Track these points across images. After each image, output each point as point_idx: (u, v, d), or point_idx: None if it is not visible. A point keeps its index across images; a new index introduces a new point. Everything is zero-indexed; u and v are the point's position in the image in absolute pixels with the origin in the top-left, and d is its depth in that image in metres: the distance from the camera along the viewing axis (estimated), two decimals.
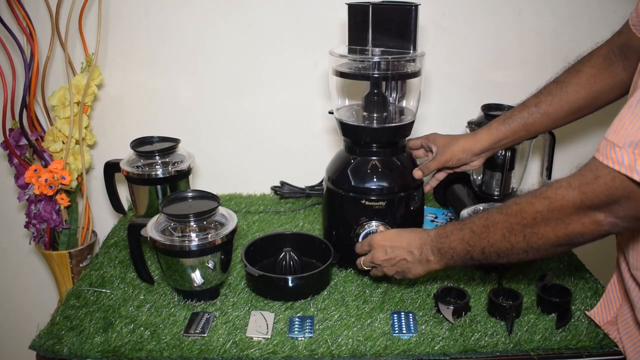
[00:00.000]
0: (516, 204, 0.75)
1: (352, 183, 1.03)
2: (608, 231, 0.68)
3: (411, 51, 1.01)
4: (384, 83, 1.04)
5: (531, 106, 1.02)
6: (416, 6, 0.98)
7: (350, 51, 1.05)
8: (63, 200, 1.27)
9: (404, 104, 1.10)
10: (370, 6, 1.01)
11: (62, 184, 1.24)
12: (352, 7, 1.04)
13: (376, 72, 1.01)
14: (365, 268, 0.99)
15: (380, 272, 0.96)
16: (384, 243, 0.93)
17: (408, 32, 1.00)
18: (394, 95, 1.07)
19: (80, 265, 1.32)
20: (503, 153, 1.18)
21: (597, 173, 0.65)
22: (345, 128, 1.05)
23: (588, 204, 0.67)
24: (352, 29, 1.05)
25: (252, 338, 0.89)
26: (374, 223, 1.01)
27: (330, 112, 1.10)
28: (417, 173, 1.05)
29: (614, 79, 0.96)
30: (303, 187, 1.43)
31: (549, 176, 1.24)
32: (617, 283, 0.90)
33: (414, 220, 1.07)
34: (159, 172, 1.17)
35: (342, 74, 1.03)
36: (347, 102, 1.12)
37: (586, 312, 0.93)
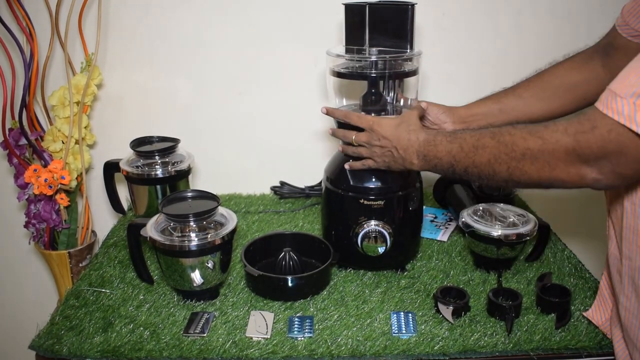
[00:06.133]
0: (510, 135, 0.75)
1: (351, 183, 1.03)
2: (589, 185, 0.70)
3: (408, 50, 1.01)
4: (381, 82, 1.04)
5: (509, 90, 1.06)
6: (412, 5, 0.99)
7: (348, 51, 1.05)
8: (63, 200, 1.27)
9: (401, 103, 1.10)
10: (367, 6, 1.01)
11: (61, 183, 1.24)
12: (348, 8, 1.04)
13: (373, 71, 1.02)
14: (355, 143, 0.98)
15: (370, 154, 0.96)
16: (379, 130, 0.93)
17: (405, 31, 1.00)
18: (391, 94, 1.07)
19: (80, 265, 1.32)
20: None
21: (594, 123, 0.66)
22: (343, 128, 1.05)
23: (579, 153, 0.67)
24: (349, 29, 1.05)
25: (251, 338, 0.89)
26: (372, 222, 1.01)
27: None
28: None
29: (591, 73, 0.98)
30: (302, 187, 1.43)
31: None
32: (608, 281, 0.90)
33: (414, 219, 1.07)
34: (159, 172, 1.17)
35: (339, 74, 1.03)
36: (345, 102, 1.12)
37: (583, 314, 0.93)
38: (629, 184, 0.74)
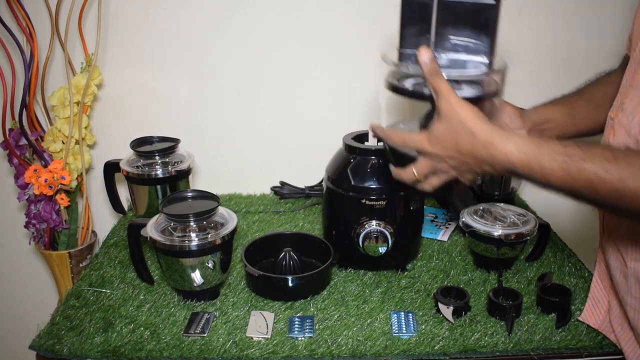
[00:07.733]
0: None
1: (352, 183, 1.03)
2: None
3: (491, 60, 0.81)
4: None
5: (574, 94, 0.98)
6: (498, 1, 0.76)
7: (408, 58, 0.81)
8: (63, 200, 1.27)
9: None
10: (435, 0, 0.77)
11: (61, 184, 1.24)
12: (408, 2, 0.80)
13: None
14: (420, 179, 0.80)
15: (445, 177, 0.79)
16: (443, 152, 0.76)
17: (487, 36, 0.79)
18: None
19: (80, 265, 1.32)
20: None
21: None
22: (392, 151, 0.85)
23: None
24: (408, 29, 0.80)
25: (252, 338, 0.89)
26: (374, 222, 1.01)
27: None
28: None
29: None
30: (303, 187, 1.43)
31: None
32: (600, 281, 0.90)
33: (415, 219, 1.07)
34: (159, 172, 1.17)
35: (395, 89, 0.81)
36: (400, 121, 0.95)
37: (579, 319, 0.92)
38: None
